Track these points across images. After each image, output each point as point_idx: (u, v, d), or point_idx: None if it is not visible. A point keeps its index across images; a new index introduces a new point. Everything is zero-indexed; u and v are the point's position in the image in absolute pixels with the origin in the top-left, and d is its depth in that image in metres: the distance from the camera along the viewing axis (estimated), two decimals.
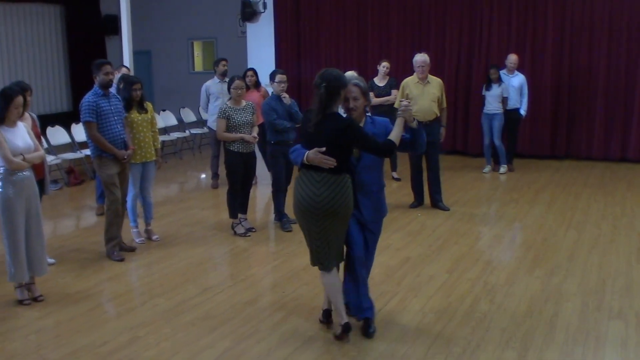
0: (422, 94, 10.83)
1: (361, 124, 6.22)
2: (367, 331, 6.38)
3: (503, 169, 14.07)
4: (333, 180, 5.95)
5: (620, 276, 7.92)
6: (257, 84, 12.72)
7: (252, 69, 12.91)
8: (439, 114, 10.98)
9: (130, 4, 14.34)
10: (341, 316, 6.21)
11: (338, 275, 6.29)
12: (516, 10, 15.63)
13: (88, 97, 8.62)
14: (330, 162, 5.88)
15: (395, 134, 6.06)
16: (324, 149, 5.89)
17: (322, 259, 6.20)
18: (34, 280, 7.42)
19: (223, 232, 10.04)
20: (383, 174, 6.56)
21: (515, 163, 14.52)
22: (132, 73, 13.26)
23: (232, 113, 9.54)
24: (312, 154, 5.93)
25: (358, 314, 6.49)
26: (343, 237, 6.26)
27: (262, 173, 12.62)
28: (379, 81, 12.75)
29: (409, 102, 6.36)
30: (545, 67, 15.47)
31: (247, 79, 12.12)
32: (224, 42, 22.04)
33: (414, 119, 6.24)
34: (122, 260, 8.79)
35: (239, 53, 19.77)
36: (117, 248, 8.93)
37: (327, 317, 6.64)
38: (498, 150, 13.99)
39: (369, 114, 6.53)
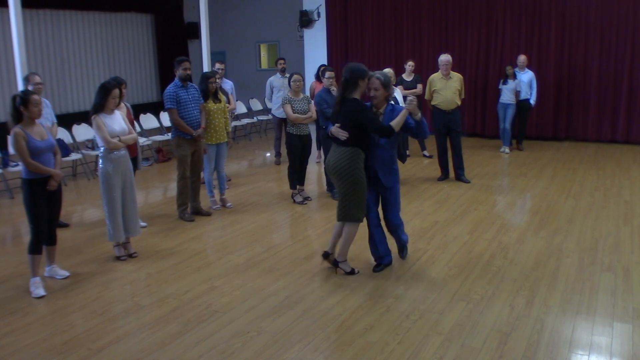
0: (445, 87, 10.85)
1: (381, 110, 6.36)
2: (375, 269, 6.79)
3: (508, 149, 13.93)
4: (345, 150, 6.22)
5: (610, 236, 7.86)
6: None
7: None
8: (459, 104, 10.98)
9: (209, 13, 14.37)
10: (341, 255, 6.65)
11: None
12: (525, 18, 15.43)
13: (169, 88, 8.71)
14: (342, 134, 6.19)
15: (396, 122, 6.15)
16: (339, 125, 6.26)
17: (343, 212, 6.42)
18: (129, 240, 7.50)
19: (284, 200, 10.04)
20: (396, 152, 6.59)
21: (524, 143, 14.41)
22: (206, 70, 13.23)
23: (292, 102, 9.51)
24: (333, 129, 6.31)
25: (378, 261, 6.85)
26: (356, 198, 6.31)
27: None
28: (406, 77, 12.73)
29: (415, 98, 6.34)
30: (548, 65, 15.26)
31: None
32: (285, 45, 21.93)
33: (418, 112, 6.30)
34: (192, 221, 8.91)
35: (297, 54, 19.73)
36: (186, 211, 9.05)
37: (326, 256, 6.84)
38: (506, 133, 13.85)
39: (392, 102, 6.55)
